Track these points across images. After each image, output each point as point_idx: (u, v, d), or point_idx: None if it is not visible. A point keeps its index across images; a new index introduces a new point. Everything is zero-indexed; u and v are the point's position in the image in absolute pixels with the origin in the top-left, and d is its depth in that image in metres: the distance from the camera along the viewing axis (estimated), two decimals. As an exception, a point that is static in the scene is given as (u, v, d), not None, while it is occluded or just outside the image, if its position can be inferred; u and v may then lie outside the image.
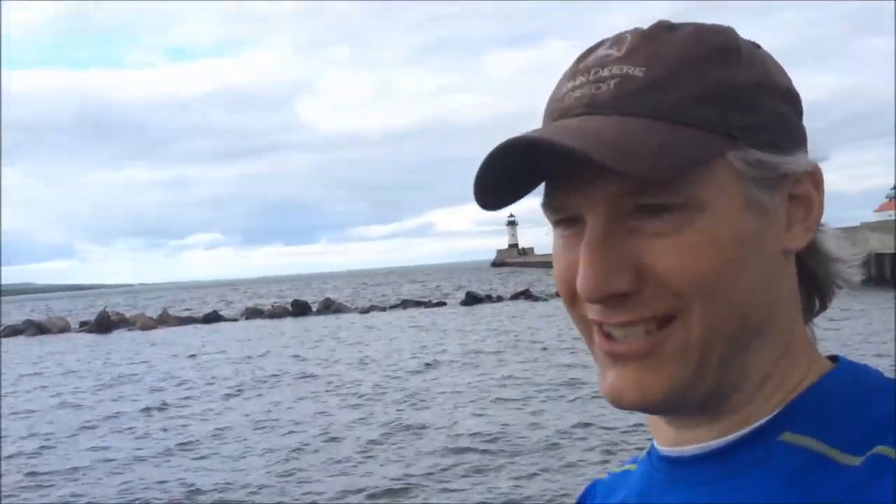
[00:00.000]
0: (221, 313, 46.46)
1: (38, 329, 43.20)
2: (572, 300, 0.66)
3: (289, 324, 37.96)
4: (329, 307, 44.63)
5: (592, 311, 0.64)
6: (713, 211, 0.61)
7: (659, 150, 0.58)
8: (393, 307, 44.46)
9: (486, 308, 38.42)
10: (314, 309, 44.53)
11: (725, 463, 0.64)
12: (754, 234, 0.63)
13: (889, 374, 0.66)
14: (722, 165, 0.62)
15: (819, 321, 0.74)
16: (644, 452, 0.75)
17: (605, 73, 0.63)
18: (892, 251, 33.15)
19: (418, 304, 44.87)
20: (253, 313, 45.45)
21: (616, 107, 0.62)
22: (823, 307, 0.73)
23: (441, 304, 43.75)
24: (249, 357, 23.63)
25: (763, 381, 0.65)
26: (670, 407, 0.64)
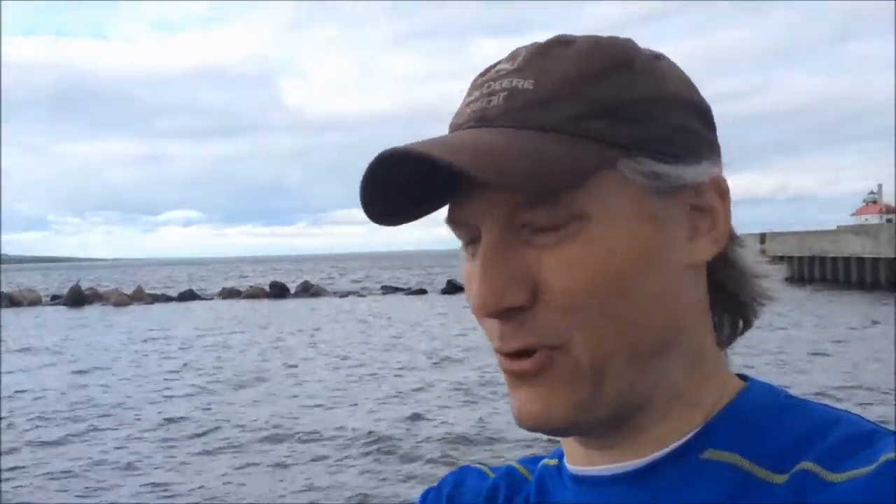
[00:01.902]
0: (197, 292, 45.83)
1: (9, 301, 42.37)
2: (481, 322, 0.65)
3: (265, 306, 37.47)
4: (308, 290, 44.21)
5: (491, 338, 0.64)
6: (601, 222, 0.61)
7: (536, 163, 0.58)
8: (373, 293, 44.11)
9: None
10: (292, 291, 44.09)
11: (645, 484, 0.63)
12: (649, 247, 0.62)
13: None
14: (611, 177, 0.61)
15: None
16: (551, 459, 0.72)
17: (497, 86, 0.64)
18: (872, 255, 33.38)
19: (398, 290, 44.56)
20: (229, 293, 44.91)
21: (504, 120, 0.62)
22: (748, 325, 0.71)
23: (421, 291, 43.46)
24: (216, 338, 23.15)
25: (673, 399, 0.64)
26: (575, 429, 0.63)
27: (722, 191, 0.65)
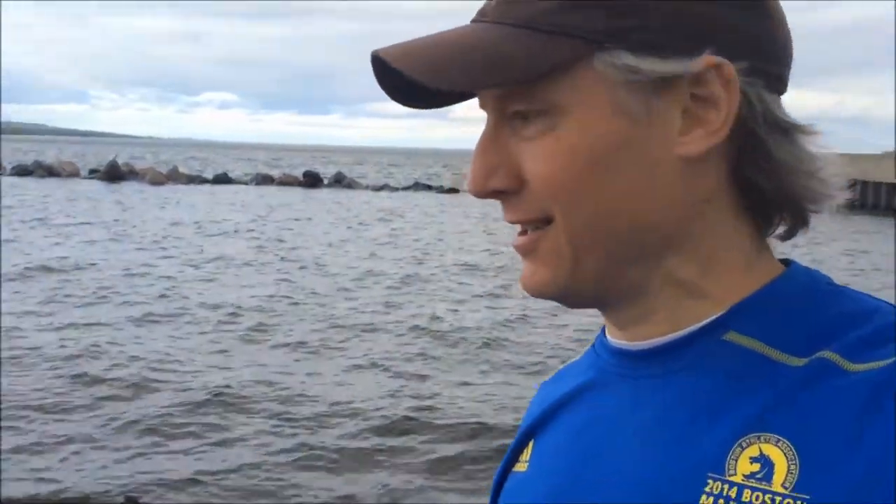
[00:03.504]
0: (231, 176, 46.13)
1: (47, 171, 43.05)
2: None
3: (298, 193, 37.69)
4: (341, 181, 44.30)
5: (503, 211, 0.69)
6: (575, 117, 0.62)
7: (478, 59, 0.62)
8: (405, 188, 44.11)
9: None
10: (325, 182, 44.20)
11: (672, 359, 0.66)
12: (623, 141, 0.62)
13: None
14: (586, 71, 0.62)
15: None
16: (589, 346, 0.77)
17: None
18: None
19: (429, 188, 44.48)
20: (263, 179, 45.15)
21: (492, 15, 0.65)
22: (801, 223, 0.68)
23: (453, 190, 43.38)
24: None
25: (677, 286, 0.65)
26: (561, 297, 0.68)
27: (726, 78, 0.62)
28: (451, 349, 9.77)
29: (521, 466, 0.77)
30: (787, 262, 0.69)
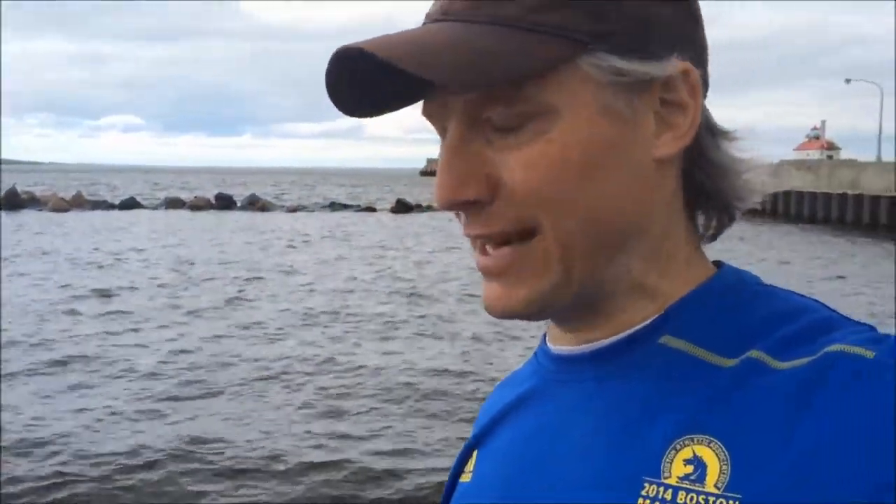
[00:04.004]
0: (139, 200, 44.76)
1: (-61, 202, 40.73)
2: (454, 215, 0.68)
3: (211, 217, 36.84)
4: (254, 204, 43.54)
5: (463, 224, 0.66)
6: (566, 118, 0.61)
7: (465, 56, 0.59)
8: (321, 208, 43.70)
9: (418, 217, 38.10)
10: (238, 204, 43.39)
11: (610, 362, 0.67)
12: (611, 143, 0.62)
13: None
14: (570, 73, 0.61)
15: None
16: (532, 353, 0.78)
17: None
18: (812, 190, 34.29)
19: (346, 207, 44.23)
20: (173, 203, 43.98)
21: (461, 14, 0.62)
22: (731, 220, 0.71)
23: (371, 209, 43.23)
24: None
25: (634, 289, 0.66)
26: (536, 314, 0.66)
27: (692, 85, 0.64)
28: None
29: (465, 477, 0.78)
30: (717, 264, 0.71)
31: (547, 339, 0.75)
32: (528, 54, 0.59)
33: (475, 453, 0.78)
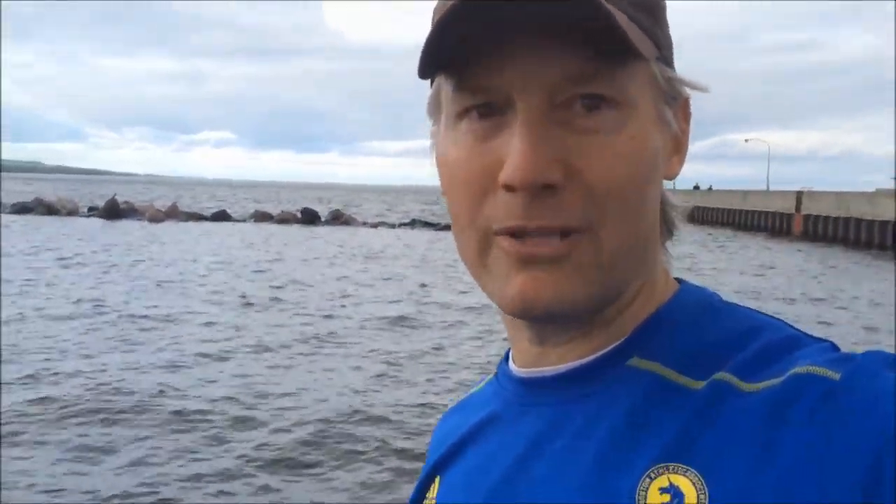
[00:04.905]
0: (229, 213, 46.42)
1: (46, 209, 43.25)
2: (477, 206, 0.61)
3: (295, 231, 37.91)
4: (338, 218, 44.57)
5: (506, 216, 0.60)
6: (641, 117, 0.61)
7: (629, 31, 0.58)
8: (402, 225, 44.37)
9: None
10: (322, 219, 44.49)
11: (577, 386, 0.65)
12: (659, 152, 0.64)
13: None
14: (646, 74, 0.62)
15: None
16: (491, 374, 0.75)
17: None
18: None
19: (427, 224, 44.77)
20: (262, 217, 45.44)
21: None
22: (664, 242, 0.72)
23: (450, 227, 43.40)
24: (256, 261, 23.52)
25: (631, 298, 0.66)
26: (578, 314, 0.63)
27: (687, 112, 0.68)
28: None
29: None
30: (677, 280, 0.71)
31: (510, 360, 0.73)
32: (643, 42, 0.60)
33: (437, 479, 0.76)
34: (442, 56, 0.60)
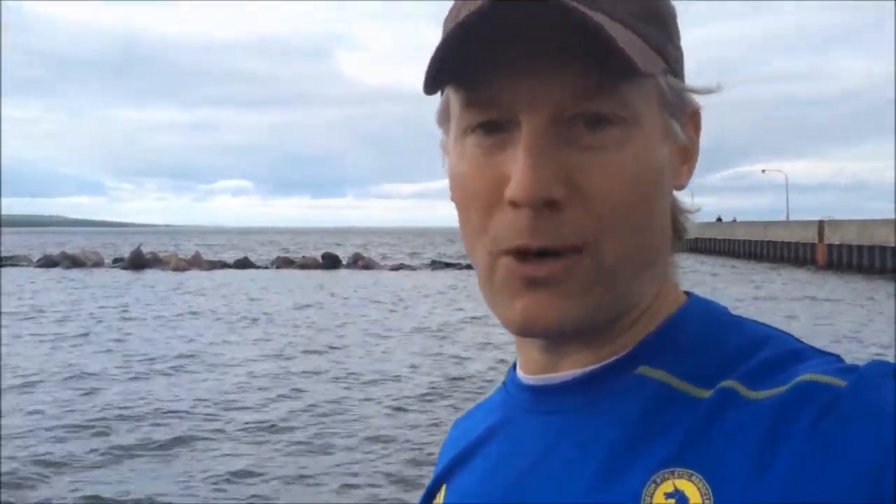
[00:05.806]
0: (252, 260, 46.79)
1: (72, 262, 43.81)
2: (487, 218, 0.63)
3: (319, 276, 38.13)
4: (358, 262, 44.79)
5: (511, 236, 0.61)
6: (646, 132, 0.62)
7: (631, 47, 0.58)
8: (423, 266, 44.50)
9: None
10: (344, 262, 44.73)
11: (584, 393, 0.66)
12: (664, 165, 0.64)
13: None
14: (654, 87, 0.62)
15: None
16: (500, 382, 0.76)
17: None
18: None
19: (448, 265, 44.88)
20: (284, 263, 45.75)
21: (606, 8, 0.61)
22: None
23: (471, 266, 43.37)
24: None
25: (642, 310, 0.67)
26: (581, 332, 0.64)
27: (697, 122, 0.69)
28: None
29: None
30: (685, 293, 0.72)
31: (517, 368, 0.73)
32: (648, 56, 0.61)
33: (444, 488, 0.76)
34: (442, 78, 0.62)
